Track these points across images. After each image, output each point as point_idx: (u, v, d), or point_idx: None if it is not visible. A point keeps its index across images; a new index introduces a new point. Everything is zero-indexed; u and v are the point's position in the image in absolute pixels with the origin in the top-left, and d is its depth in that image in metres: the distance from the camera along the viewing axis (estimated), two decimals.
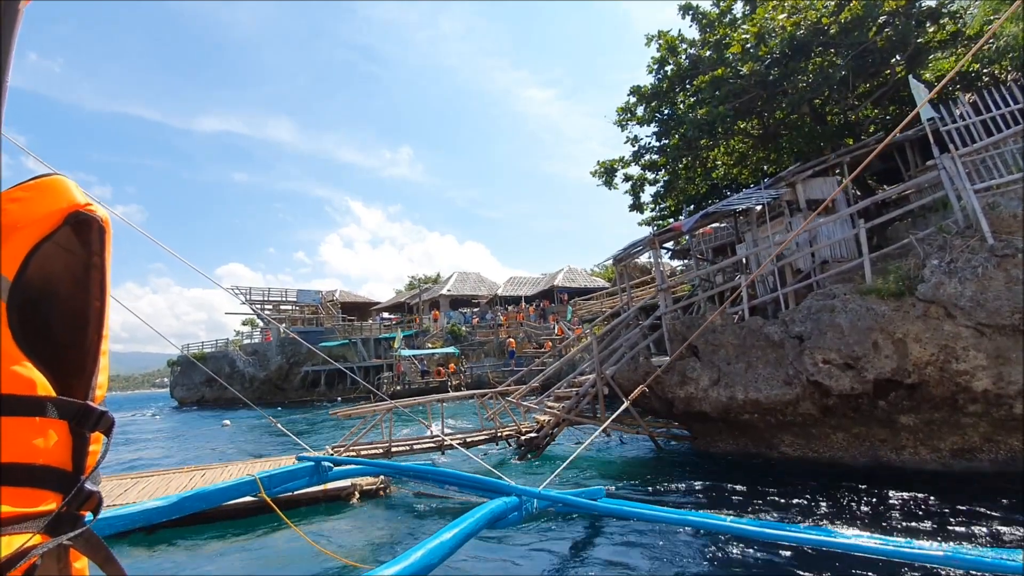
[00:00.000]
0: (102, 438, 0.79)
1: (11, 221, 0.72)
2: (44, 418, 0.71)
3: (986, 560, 3.63)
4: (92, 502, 0.76)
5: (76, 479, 0.74)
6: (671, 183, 16.90)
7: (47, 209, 0.74)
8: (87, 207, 0.77)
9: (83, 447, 0.76)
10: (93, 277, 0.78)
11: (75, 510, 0.73)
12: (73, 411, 0.74)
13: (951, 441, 7.61)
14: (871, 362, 7.70)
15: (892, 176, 14.07)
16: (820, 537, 4.60)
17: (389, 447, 10.86)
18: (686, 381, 10.21)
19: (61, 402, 0.73)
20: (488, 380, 29.25)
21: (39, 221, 0.73)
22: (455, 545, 4.19)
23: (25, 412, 0.69)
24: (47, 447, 0.71)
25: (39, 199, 0.74)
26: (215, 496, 6.04)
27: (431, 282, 59.14)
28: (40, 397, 0.71)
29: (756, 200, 11.17)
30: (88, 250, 0.77)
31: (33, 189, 0.75)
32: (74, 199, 0.76)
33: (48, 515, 0.70)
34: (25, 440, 0.69)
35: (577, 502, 5.64)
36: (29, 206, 0.73)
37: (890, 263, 8.46)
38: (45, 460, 0.71)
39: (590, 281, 44.18)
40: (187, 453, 17.40)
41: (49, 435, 0.72)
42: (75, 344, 0.77)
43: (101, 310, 0.79)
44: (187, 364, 43.37)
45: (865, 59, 11.50)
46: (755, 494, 7.69)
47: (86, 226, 0.77)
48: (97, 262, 0.78)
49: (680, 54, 15.14)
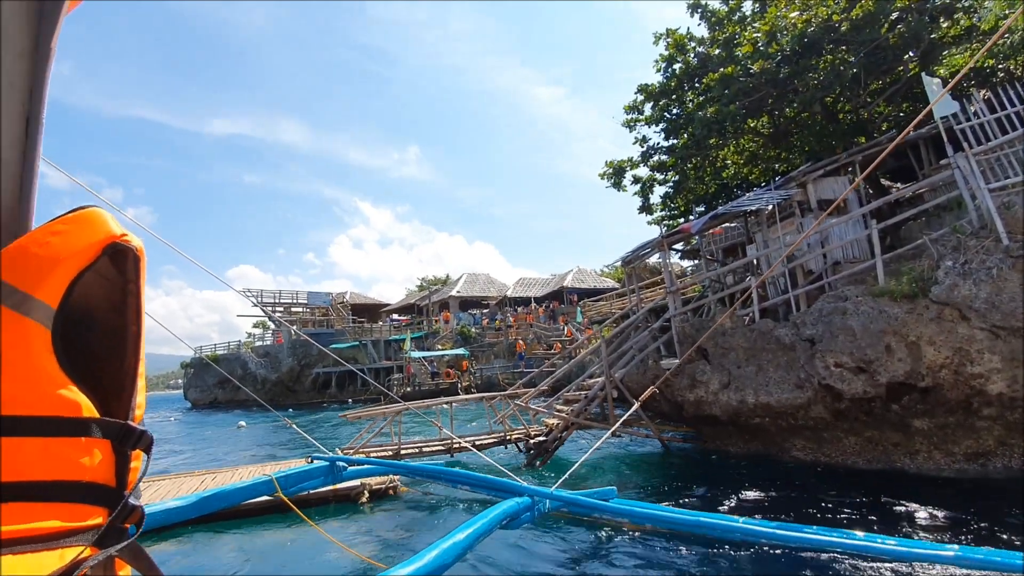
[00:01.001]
0: (142, 455, 0.83)
1: (54, 253, 0.75)
2: (90, 438, 0.75)
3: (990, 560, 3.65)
4: (135, 516, 0.80)
5: (120, 494, 0.78)
6: (680, 183, 16.79)
7: (87, 241, 0.78)
8: (123, 238, 0.81)
9: (125, 464, 0.80)
10: (130, 303, 0.82)
11: (120, 523, 0.77)
12: (115, 431, 0.78)
13: (965, 445, 7.48)
14: (884, 365, 7.59)
15: (906, 174, 13.89)
16: (830, 539, 4.56)
17: (399, 449, 10.89)
18: (696, 384, 10.14)
19: (104, 422, 0.77)
20: (498, 382, 29.27)
21: (80, 253, 0.77)
22: (469, 545, 4.17)
23: (73, 433, 0.73)
24: (93, 465, 0.75)
25: (79, 231, 0.78)
26: (234, 495, 6.15)
27: (441, 283, 59.28)
28: (85, 418, 0.75)
29: (767, 200, 11.06)
30: (124, 278, 0.81)
31: (73, 222, 0.79)
32: (111, 230, 0.80)
33: (97, 529, 0.74)
34: (73, 459, 0.73)
35: (589, 503, 5.64)
36: (69, 239, 0.77)
37: (903, 264, 8.33)
38: (92, 477, 0.75)
39: (600, 282, 44.07)
40: (204, 455, 17.56)
41: (95, 454, 0.75)
42: (114, 367, 0.81)
43: (138, 334, 0.83)
44: (200, 366, 43.84)
45: (877, 56, 11.35)
46: (766, 498, 7.63)
47: (123, 256, 0.81)
48: (133, 289, 0.82)
49: (689, 52, 15.05)
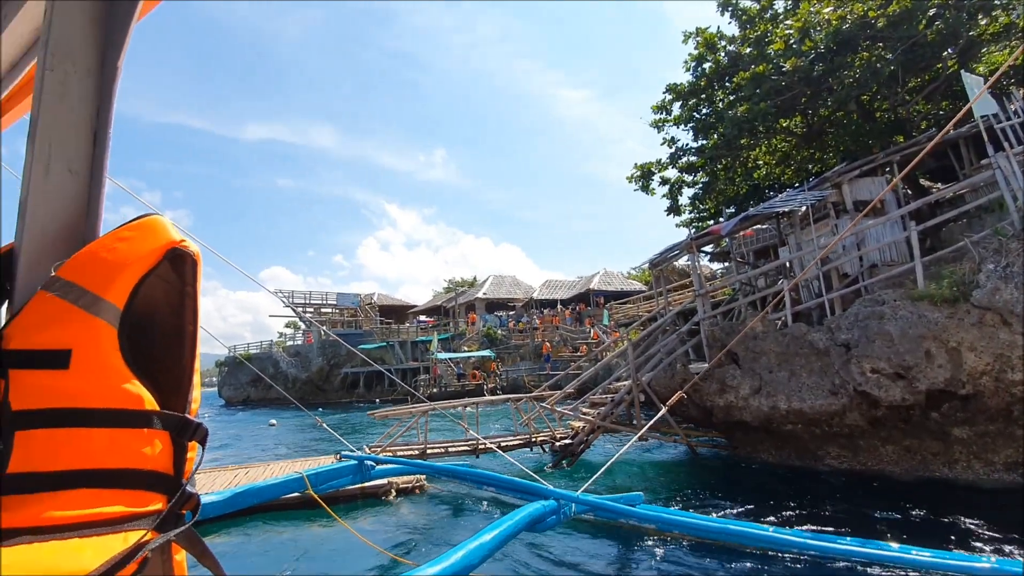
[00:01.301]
0: (197, 446, 0.88)
1: (120, 258, 0.81)
2: (151, 429, 0.80)
3: None
4: (192, 502, 0.85)
5: (178, 483, 0.83)
6: (710, 185, 16.54)
7: (150, 247, 0.84)
8: (182, 243, 0.86)
9: (182, 454, 0.85)
10: (187, 305, 0.87)
11: (178, 510, 0.82)
12: (174, 423, 0.83)
13: (1005, 454, 7.18)
14: (923, 372, 7.34)
15: (946, 174, 13.41)
16: (864, 550, 4.47)
17: (425, 448, 10.99)
18: (726, 389, 9.97)
19: (164, 415, 0.82)
20: (524, 384, 29.26)
21: (144, 257, 0.83)
22: (495, 547, 4.21)
23: (136, 424, 0.78)
24: (154, 455, 0.80)
25: (142, 238, 0.84)
26: (266, 492, 6.36)
27: (467, 285, 59.57)
28: (147, 411, 0.80)
29: (800, 202, 10.82)
30: (183, 281, 0.86)
31: (137, 229, 0.85)
32: (171, 236, 0.86)
33: (157, 515, 0.79)
34: (136, 449, 0.78)
35: (615, 507, 5.60)
36: (134, 244, 0.83)
37: (944, 267, 8.05)
38: (153, 466, 0.80)
39: (626, 284, 43.66)
40: (240, 451, 18.00)
41: (155, 444, 0.80)
42: (173, 364, 0.86)
43: (194, 333, 0.88)
44: (234, 364, 44.97)
45: (915, 53, 11.01)
46: (798, 507, 7.45)
47: (181, 260, 0.86)
48: (191, 291, 0.87)
49: (719, 51, 14.85)
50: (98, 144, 0.93)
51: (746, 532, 5.01)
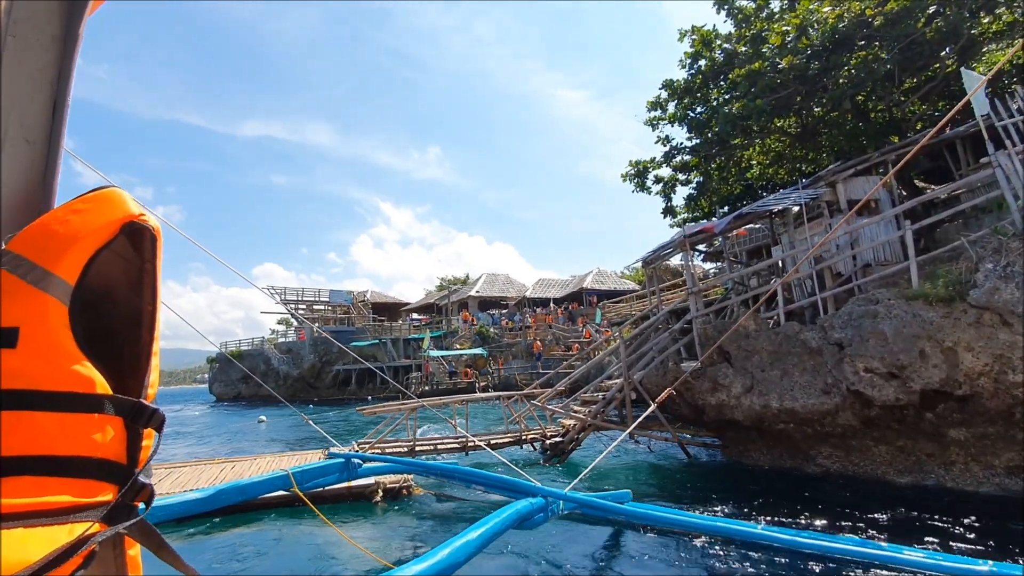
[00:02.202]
0: (154, 434, 0.83)
1: (73, 231, 0.77)
2: (102, 414, 0.76)
3: None
4: (145, 493, 0.80)
5: (131, 472, 0.78)
6: (704, 184, 16.48)
7: (105, 220, 0.80)
8: (140, 217, 0.82)
9: (137, 442, 0.80)
10: (146, 282, 0.83)
11: (130, 500, 0.78)
12: (128, 408, 0.78)
13: (1006, 458, 7.09)
14: (918, 371, 7.25)
15: (941, 175, 13.37)
16: (854, 548, 4.41)
17: (413, 446, 10.86)
18: (717, 388, 9.86)
19: (117, 399, 0.77)
20: (516, 382, 29.16)
21: (98, 231, 0.79)
22: (481, 544, 4.18)
23: (85, 409, 0.74)
24: (104, 442, 0.76)
25: (97, 210, 0.80)
26: (250, 489, 6.19)
27: (460, 283, 59.43)
28: (99, 395, 0.75)
29: (793, 200, 10.73)
30: (142, 257, 0.83)
31: (92, 201, 0.81)
32: (129, 210, 0.82)
33: (106, 505, 0.75)
34: (85, 435, 0.74)
35: (604, 504, 5.63)
36: (88, 217, 0.79)
37: (939, 267, 7.96)
38: (103, 454, 0.76)
39: (619, 283, 43.65)
40: (226, 447, 17.86)
41: (106, 430, 0.76)
42: (130, 345, 0.82)
43: (153, 313, 0.84)
44: (225, 361, 44.67)
45: (913, 52, 10.93)
46: (789, 507, 7.36)
47: (140, 235, 0.82)
48: (149, 268, 0.83)
49: (715, 49, 14.76)
50: (57, 113, 0.89)
51: (734, 529, 5.04)
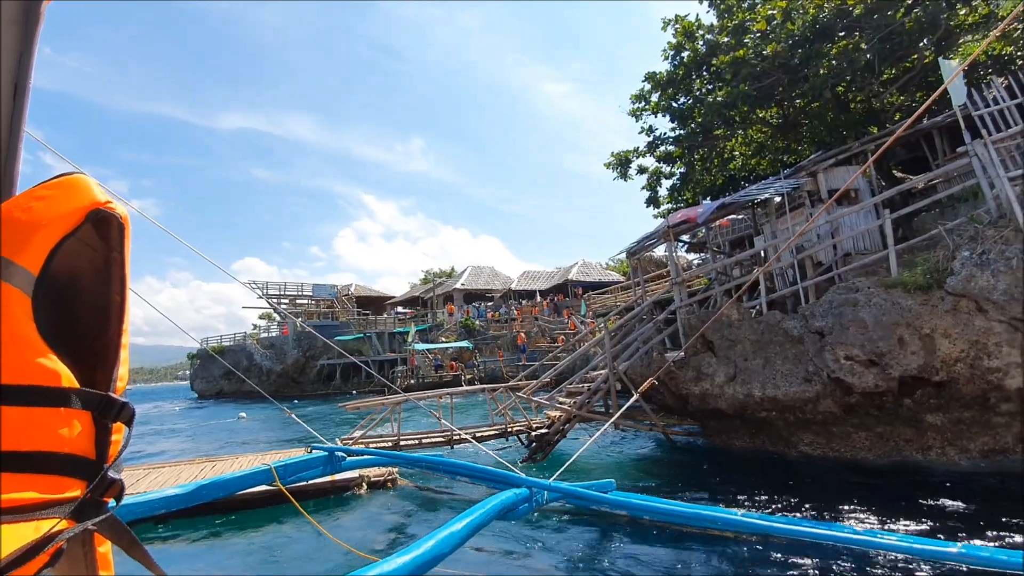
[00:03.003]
0: (124, 428, 0.81)
1: (35, 218, 0.75)
2: (69, 408, 0.74)
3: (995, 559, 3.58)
4: (115, 489, 0.78)
5: (100, 467, 0.77)
6: (687, 175, 16.53)
7: (69, 207, 0.77)
8: (107, 204, 0.80)
9: (106, 436, 0.78)
10: (114, 272, 0.81)
11: (99, 497, 0.76)
12: (96, 402, 0.77)
13: (981, 442, 7.24)
14: (896, 359, 7.35)
15: (919, 166, 13.55)
16: (829, 532, 4.46)
17: (398, 440, 10.77)
18: (701, 377, 9.93)
19: (85, 393, 0.76)
20: (502, 375, 29.15)
21: (62, 218, 0.76)
22: (465, 536, 4.15)
23: (50, 403, 0.72)
24: (72, 436, 0.74)
25: (62, 197, 0.78)
26: (232, 484, 6.07)
27: (445, 276, 59.17)
28: (64, 388, 0.74)
29: (776, 190, 10.80)
30: (109, 246, 0.80)
31: (56, 187, 0.78)
32: (95, 197, 0.79)
33: (73, 501, 0.73)
34: (51, 430, 0.72)
35: (587, 494, 5.66)
36: (52, 204, 0.76)
37: (917, 255, 8.07)
38: (70, 449, 0.74)
39: (604, 275, 43.79)
40: (203, 444, 17.58)
41: (73, 425, 0.74)
42: (98, 337, 0.80)
43: (122, 304, 0.82)
44: (206, 357, 44.02)
45: (892, 42, 11.01)
46: (772, 494, 7.43)
47: (106, 223, 0.80)
48: (117, 257, 0.81)
49: (697, 40, 14.75)
50: (18, 96, 0.86)
51: (716, 516, 5.13)
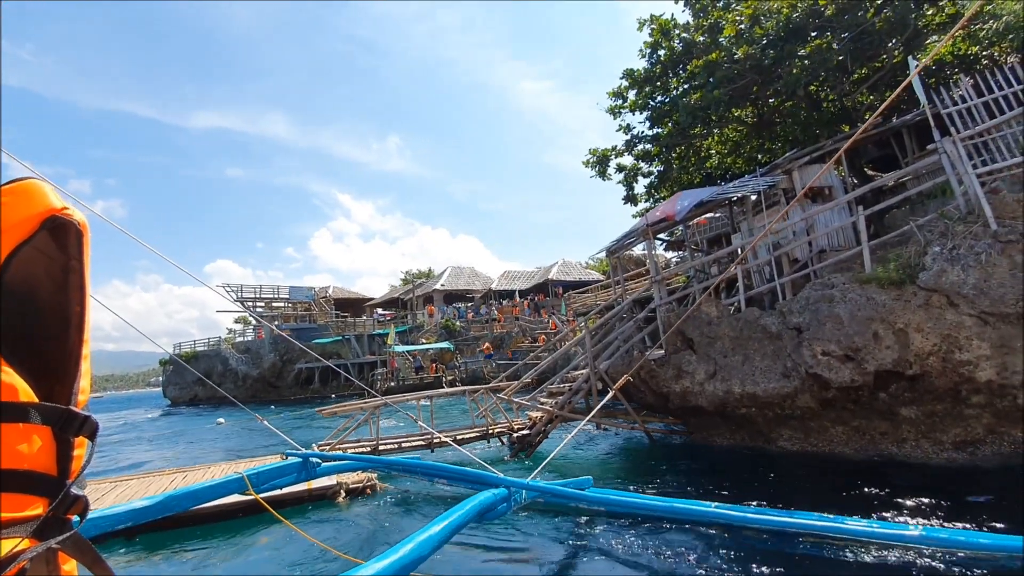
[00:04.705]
0: (86, 442, 0.79)
1: None
2: (27, 424, 0.71)
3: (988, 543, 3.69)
4: (78, 506, 0.76)
5: (62, 484, 0.74)
6: (665, 174, 16.66)
7: (23, 214, 0.74)
8: (64, 211, 0.77)
9: (67, 452, 0.76)
10: (72, 281, 0.78)
11: (62, 514, 0.74)
12: (56, 416, 0.74)
13: (953, 433, 7.38)
14: (871, 353, 7.45)
15: (889, 163, 13.82)
16: (800, 521, 4.51)
17: (376, 444, 10.60)
18: (682, 375, 9.96)
19: (44, 407, 0.73)
20: (483, 375, 29.03)
21: (15, 226, 0.73)
22: (444, 538, 4.13)
23: (8, 418, 0.70)
24: (31, 453, 0.72)
25: (14, 204, 0.74)
26: (202, 494, 5.84)
27: (425, 277, 58.79)
28: (22, 403, 0.71)
29: (752, 188, 10.90)
30: (67, 254, 0.77)
31: (8, 194, 0.75)
32: (50, 203, 0.76)
33: (35, 520, 0.71)
34: (9, 446, 0.70)
35: (565, 492, 5.69)
36: (5, 212, 0.73)
37: (890, 251, 8.20)
38: (30, 465, 0.72)
39: (585, 274, 43.97)
40: (176, 454, 17.10)
41: (33, 440, 0.72)
42: (57, 349, 0.77)
43: (81, 314, 0.78)
44: (179, 363, 42.99)
45: (863, 41, 11.22)
46: (752, 489, 7.49)
47: (63, 230, 0.77)
48: (75, 266, 0.78)
49: (673, 38, 14.85)
50: None
51: (690, 509, 5.24)
